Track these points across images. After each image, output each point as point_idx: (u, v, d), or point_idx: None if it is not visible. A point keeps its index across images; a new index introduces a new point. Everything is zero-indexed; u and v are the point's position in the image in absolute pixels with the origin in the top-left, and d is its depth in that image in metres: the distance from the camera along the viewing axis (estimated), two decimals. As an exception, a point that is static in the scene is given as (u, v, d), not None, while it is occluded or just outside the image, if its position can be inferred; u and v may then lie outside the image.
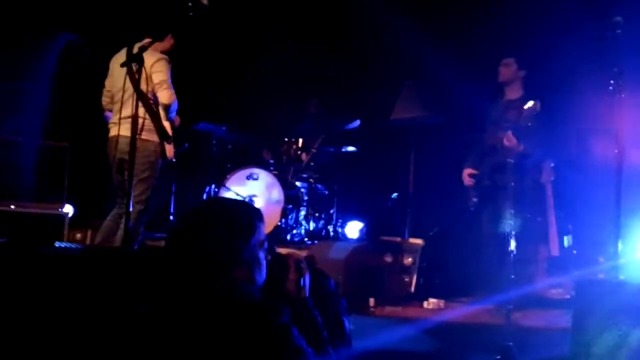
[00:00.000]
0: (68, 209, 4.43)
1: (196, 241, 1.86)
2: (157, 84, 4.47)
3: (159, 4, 4.56)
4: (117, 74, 4.60)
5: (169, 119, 4.61)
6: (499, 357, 3.28)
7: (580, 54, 5.42)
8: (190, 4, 3.81)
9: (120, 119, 4.43)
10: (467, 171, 5.48)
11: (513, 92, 5.38)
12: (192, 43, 5.11)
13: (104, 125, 4.81)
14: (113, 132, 4.62)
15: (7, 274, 2.98)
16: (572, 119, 5.65)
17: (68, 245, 3.80)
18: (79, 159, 5.75)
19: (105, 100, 4.82)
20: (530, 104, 4.07)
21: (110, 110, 4.75)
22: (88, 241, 5.67)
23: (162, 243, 4.91)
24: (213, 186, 6.44)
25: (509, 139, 4.78)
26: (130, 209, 3.64)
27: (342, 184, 7.00)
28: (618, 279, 2.89)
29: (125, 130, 4.32)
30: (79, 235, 5.69)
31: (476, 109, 5.69)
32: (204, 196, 6.51)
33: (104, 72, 4.83)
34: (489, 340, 3.90)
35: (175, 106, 4.59)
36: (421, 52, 6.33)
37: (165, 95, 4.46)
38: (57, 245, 3.50)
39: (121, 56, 4.62)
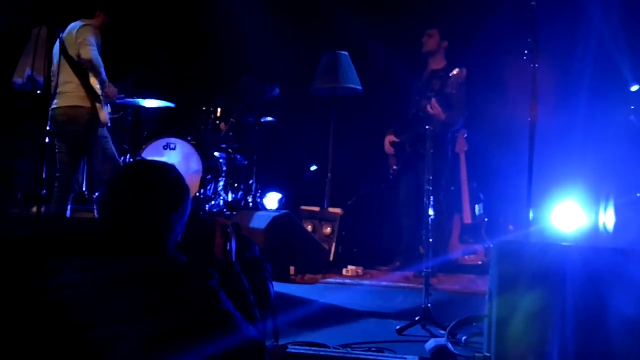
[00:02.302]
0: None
1: (130, 206, 1.82)
2: (79, 42, 4.78)
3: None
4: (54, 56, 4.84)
5: (99, 79, 4.86)
6: (417, 317, 3.38)
7: (496, 25, 5.58)
8: None
9: (56, 92, 4.75)
10: (389, 138, 5.58)
11: (436, 63, 5.52)
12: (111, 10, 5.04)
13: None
14: (53, 105, 4.84)
15: None
16: (485, 90, 5.81)
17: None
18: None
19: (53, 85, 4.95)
20: (455, 71, 4.16)
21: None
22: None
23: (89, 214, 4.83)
24: (128, 156, 6.25)
25: (434, 107, 4.85)
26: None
27: (262, 154, 6.95)
28: (542, 241, 3.02)
29: (60, 102, 4.80)
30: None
31: (396, 80, 5.79)
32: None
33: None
34: (408, 303, 4.02)
35: (99, 63, 4.83)
36: (342, 22, 6.35)
37: (85, 50, 4.76)
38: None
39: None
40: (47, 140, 4.26)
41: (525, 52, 3.26)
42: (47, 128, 4.70)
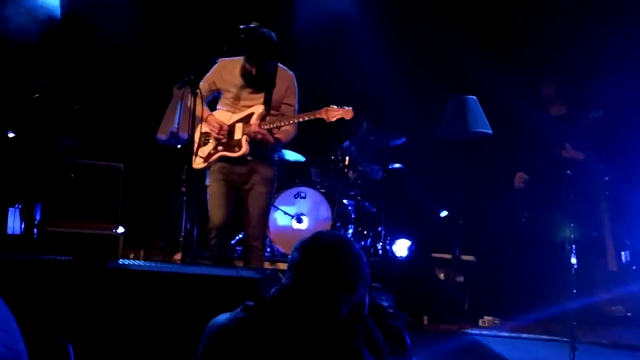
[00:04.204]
0: (121, 230, 4.46)
1: (316, 280, 1.91)
2: None
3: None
4: None
5: None
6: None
7: (635, 64, 5.33)
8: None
9: None
10: (520, 174, 5.53)
11: (557, 109, 5.56)
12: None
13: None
14: None
15: (76, 289, 3.17)
16: (628, 132, 5.52)
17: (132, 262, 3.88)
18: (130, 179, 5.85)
19: None
20: (594, 113, 4.14)
21: None
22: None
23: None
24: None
25: (568, 151, 4.80)
26: None
27: (390, 201, 6.92)
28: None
29: None
30: (132, 255, 5.74)
31: (524, 123, 5.66)
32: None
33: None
34: (552, 358, 3.79)
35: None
36: (467, 66, 6.30)
37: None
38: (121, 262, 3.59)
39: None
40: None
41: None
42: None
